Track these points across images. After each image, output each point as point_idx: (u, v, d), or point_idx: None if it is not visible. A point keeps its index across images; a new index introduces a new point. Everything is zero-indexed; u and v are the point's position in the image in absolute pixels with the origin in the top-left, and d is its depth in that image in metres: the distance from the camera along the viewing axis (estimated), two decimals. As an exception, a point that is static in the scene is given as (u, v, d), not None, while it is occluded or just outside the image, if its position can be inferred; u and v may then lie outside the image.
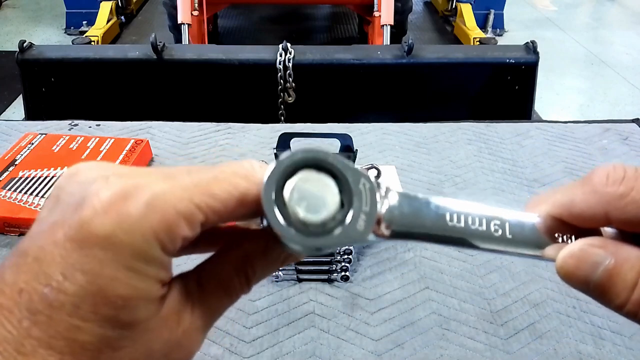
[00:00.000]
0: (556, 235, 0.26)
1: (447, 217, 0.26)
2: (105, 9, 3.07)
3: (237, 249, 0.26)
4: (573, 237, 0.25)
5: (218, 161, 0.82)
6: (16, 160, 0.75)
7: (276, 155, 0.73)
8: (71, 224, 0.21)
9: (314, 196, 0.24)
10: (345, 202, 0.24)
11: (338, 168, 0.24)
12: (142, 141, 0.79)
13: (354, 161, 0.68)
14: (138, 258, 0.21)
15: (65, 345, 0.20)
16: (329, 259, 0.60)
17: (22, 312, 0.20)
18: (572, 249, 0.24)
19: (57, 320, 0.20)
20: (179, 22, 2.10)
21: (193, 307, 0.24)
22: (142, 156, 0.77)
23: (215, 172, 0.23)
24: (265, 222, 0.24)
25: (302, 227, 0.23)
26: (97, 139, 0.79)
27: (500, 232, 0.26)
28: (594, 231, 0.25)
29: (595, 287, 0.23)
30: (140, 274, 0.21)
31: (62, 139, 0.79)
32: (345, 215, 0.24)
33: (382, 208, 0.25)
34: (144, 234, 0.21)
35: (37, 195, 0.68)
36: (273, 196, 0.23)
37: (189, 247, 0.26)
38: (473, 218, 0.26)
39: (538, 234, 0.26)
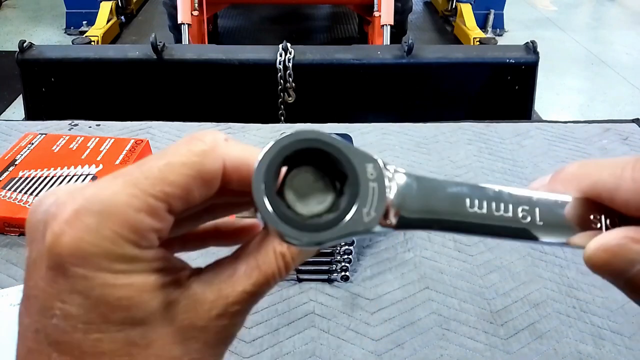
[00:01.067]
0: (591, 217, 0.22)
1: (467, 202, 0.23)
2: (105, 9, 3.07)
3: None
4: (605, 219, 0.22)
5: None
6: (16, 160, 0.75)
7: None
8: (44, 255, 0.21)
9: (312, 184, 0.22)
10: (348, 190, 0.22)
11: (340, 151, 0.22)
12: (142, 141, 0.79)
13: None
14: (115, 260, 0.21)
15: None
16: (329, 259, 0.60)
17: (46, 348, 0.21)
18: (606, 241, 0.21)
19: (78, 342, 0.21)
20: (179, 22, 2.10)
21: (227, 291, 0.23)
22: (142, 156, 0.77)
23: (168, 156, 0.22)
24: (258, 215, 0.22)
25: (298, 221, 0.21)
26: (97, 139, 0.79)
27: (529, 218, 0.23)
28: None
29: (628, 283, 0.21)
30: (128, 272, 0.21)
31: (62, 139, 0.79)
32: (349, 206, 0.21)
33: (391, 194, 0.22)
34: (109, 238, 0.21)
35: (37, 195, 0.68)
36: (263, 186, 0.21)
37: (185, 222, 0.26)
38: (497, 203, 0.23)
39: (570, 218, 0.23)
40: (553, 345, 0.55)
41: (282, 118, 1.50)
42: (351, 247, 0.60)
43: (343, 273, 0.61)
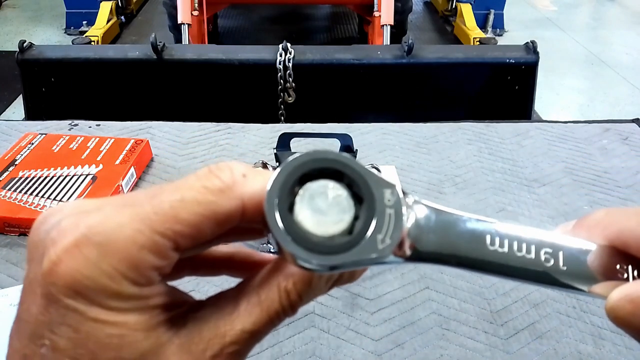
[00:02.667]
0: (617, 267, 0.21)
1: (488, 240, 0.22)
2: (105, 9, 3.08)
3: (280, 265, 0.23)
4: (633, 270, 0.21)
5: (218, 161, 0.82)
6: (16, 160, 0.75)
7: (276, 156, 0.73)
8: (39, 280, 0.20)
9: (326, 207, 0.21)
10: (364, 215, 0.21)
11: (358, 172, 0.21)
12: (142, 141, 0.79)
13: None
14: (110, 297, 0.20)
15: None
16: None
17: None
18: (633, 291, 0.20)
19: None
20: (179, 22, 2.10)
21: (224, 330, 0.22)
22: (142, 156, 0.77)
23: (182, 191, 0.21)
24: (270, 236, 0.21)
25: (310, 242, 0.20)
26: (97, 139, 0.79)
27: (552, 262, 0.22)
28: None
29: None
30: (122, 310, 0.20)
31: (62, 139, 0.79)
32: (364, 230, 0.20)
33: (408, 223, 0.21)
34: (107, 274, 0.20)
35: (37, 195, 0.68)
36: (276, 207, 0.20)
37: (186, 267, 0.25)
38: (520, 243, 0.22)
39: (594, 265, 0.22)
40: (553, 345, 0.55)
41: (282, 118, 1.50)
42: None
43: (343, 273, 0.61)
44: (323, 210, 0.21)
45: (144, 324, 0.21)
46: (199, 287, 0.58)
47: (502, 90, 1.53)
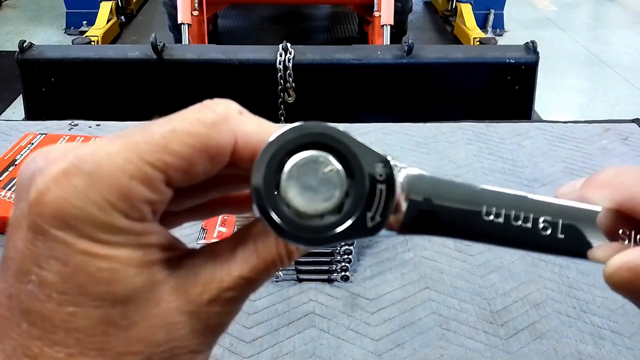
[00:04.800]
0: (620, 232, 0.21)
1: (483, 210, 0.21)
2: (105, 9, 3.08)
3: None
4: (636, 235, 0.21)
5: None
6: (16, 160, 0.75)
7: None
8: (25, 214, 0.19)
9: (322, 174, 0.20)
10: (353, 191, 0.20)
11: (348, 147, 0.20)
12: (142, 141, 0.79)
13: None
14: (100, 229, 0.19)
15: (67, 337, 0.19)
16: (329, 259, 0.60)
17: (17, 316, 0.20)
18: (631, 259, 0.20)
19: (50, 313, 0.19)
20: (179, 22, 2.10)
21: (221, 275, 0.21)
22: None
23: (175, 122, 0.20)
24: (255, 210, 0.20)
25: (295, 219, 0.20)
26: (97, 139, 0.79)
27: (549, 230, 0.21)
28: None
29: None
30: (113, 244, 0.19)
31: (62, 139, 0.79)
32: (353, 209, 0.20)
33: (401, 196, 0.21)
34: (96, 203, 0.19)
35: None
36: (262, 184, 0.20)
37: (184, 213, 0.24)
38: (517, 213, 0.21)
39: (594, 230, 0.21)
40: (553, 345, 0.55)
41: (282, 118, 1.50)
42: (351, 247, 0.60)
43: (343, 273, 0.61)
44: (312, 186, 0.20)
45: (137, 260, 0.20)
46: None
47: (502, 90, 1.53)
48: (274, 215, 0.20)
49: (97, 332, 0.19)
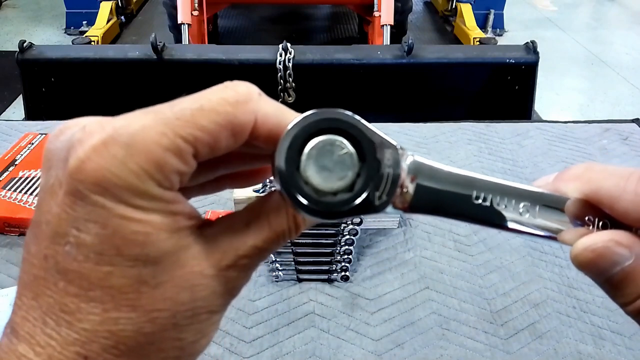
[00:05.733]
0: (586, 218, 0.24)
1: (473, 195, 0.24)
2: (105, 9, 3.07)
3: None
4: (598, 221, 0.24)
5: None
6: (16, 160, 0.75)
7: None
8: (64, 180, 0.21)
9: (332, 163, 0.22)
10: (364, 172, 0.23)
11: (363, 133, 0.23)
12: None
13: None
14: (136, 195, 0.21)
15: (103, 294, 0.21)
16: (329, 259, 0.60)
17: (54, 275, 0.21)
18: (594, 242, 0.23)
19: (88, 272, 0.21)
20: (179, 22, 2.10)
21: (237, 243, 0.24)
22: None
23: (201, 99, 0.22)
24: (276, 184, 0.23)
25: (313, 195, 0.22)
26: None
27: (528, 214, 0.24)
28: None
29: (607, 281, 0.23)
30: (147, 210, 0.21)
31: (62, 139, 0.79)
32: (363, 188, 0.23)
33: (404, 179, 0.24)
34: (133, 172, 0.20)
35: (37, 195, 0.68)
36: (285, 162, 0.22)
37: (195, 188, 0.26)
38: (502, 197, 0.24)
39: (564, 216, 0.24)
40: (553, 345, 0.55)
41: (282, 118, 1.50)
42: (351, 247, 0.60)
43: (343, 273, 0.61)
44: (328, 167, 0.23)
45: (168, 225, 0.22)
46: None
47: (502, 90, 1.53)
48: (295, 192, 0.22)
49: (130, 290, 0.21)
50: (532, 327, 0.57)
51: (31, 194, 0.69)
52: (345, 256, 0.60)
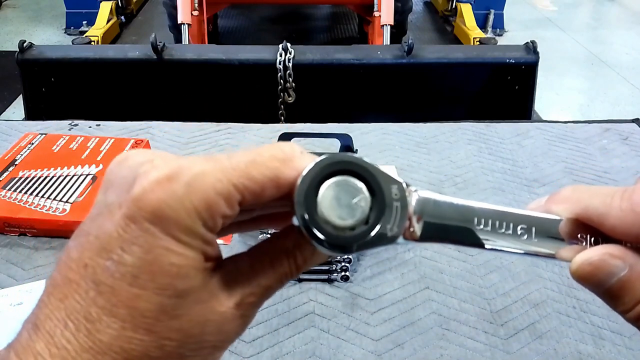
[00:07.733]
0: (578, 236, 0.26)
1: (475, 222, 0.26)
2: (105, 9, 3.07)
3: (289, 234, 0.27)
4: (590, 238, 0.26)
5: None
6: (16, 160, 0.75)
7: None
8: (125, 203, 0.23)
9: (346, 200, 0.25)
10: (375, 207, 0.25)
11: (371, 174, 0.25)
12: (142, 141, 0.79)
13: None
14: (184, 231, 0.23)
15: (126, 313, 0.22)
16: (329, 259, 0.60)
17: (88, 284, 0.23)
18: (590, 256, 0.25)
19: (119, 289, 0.22)
20: (179, 22, 2.10)
21: (244, 284, 0.26)
22: (142, 156, 0.77)
23: (254, 155, 0.25)
24: (295, 221, 0.25)
25: (331, 231, 0.24)
26: (97, 139, 0.79)
27: (526, 236, 0.26)
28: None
29: (606, 292, 0.25)
30: (188, 246, 0.23)
31: (62, 139, 0.79)
32: (376, 222, 0.25)
33: (411, 212, 0.26)
34: (187, 210, 0.23)
35: (37, 195, 0.68)
36: (303, 203, 0.24)
37: (233, 226, 0.28)
38: (501, 222, 0.26)
39: (559, 235, 0.26)
40: (553, 345, 0.55)
41: (282, 118, 1.50)
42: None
43: (343, 273, 0.61)
44: (343, 203, 0.25)
45: (199, 263, 0.24)
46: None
47: (502, 90, 1.53)
48: (317, 233, 0.24)
49: (150, 315, 0.23)
50: (532, 327, 0.57)
51: (31, 194, 0.69)
52: (345, 256, 0.60)
